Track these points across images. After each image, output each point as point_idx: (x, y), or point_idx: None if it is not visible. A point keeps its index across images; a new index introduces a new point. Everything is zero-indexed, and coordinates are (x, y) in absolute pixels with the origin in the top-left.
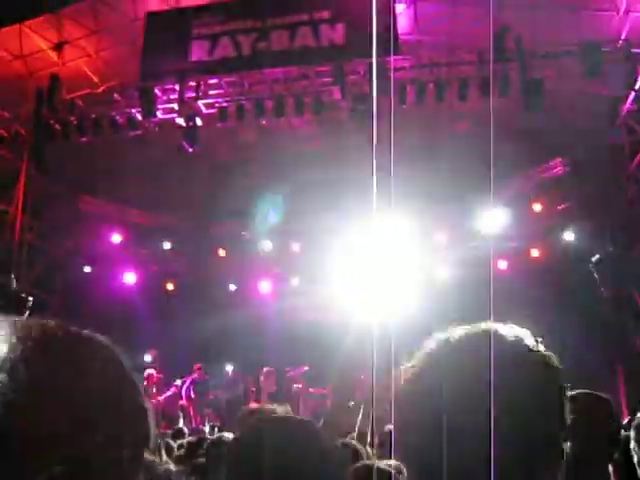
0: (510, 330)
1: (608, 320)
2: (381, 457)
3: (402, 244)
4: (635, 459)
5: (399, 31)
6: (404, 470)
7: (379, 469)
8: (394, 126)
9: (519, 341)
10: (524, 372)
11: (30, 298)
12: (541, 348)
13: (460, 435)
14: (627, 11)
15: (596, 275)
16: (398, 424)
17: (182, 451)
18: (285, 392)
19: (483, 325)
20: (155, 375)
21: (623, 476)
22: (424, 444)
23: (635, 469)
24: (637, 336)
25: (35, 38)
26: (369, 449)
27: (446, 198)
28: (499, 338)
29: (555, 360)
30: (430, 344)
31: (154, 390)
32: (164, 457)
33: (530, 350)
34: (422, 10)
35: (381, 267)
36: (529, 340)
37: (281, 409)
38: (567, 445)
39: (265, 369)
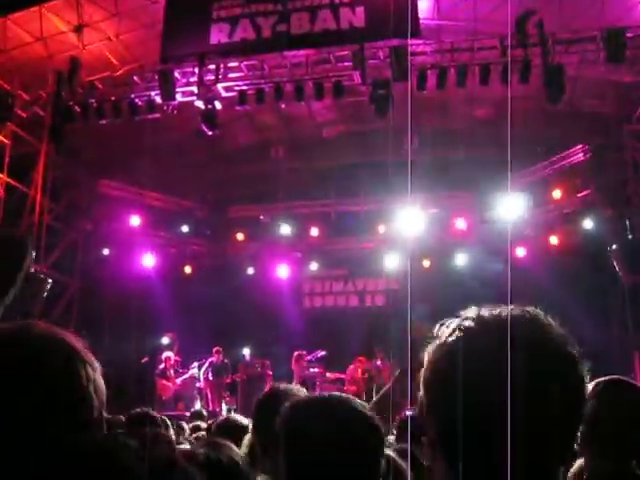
0: (543, 316)
1: (626, 307)
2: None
3: (421, 229)
4: None
5: (420, 15)
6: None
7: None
8: (414, 111)
9: (553, 327)
10: (556, 360)
11: (49, 280)
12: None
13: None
14: None
15: (614, 262)
16: (430, 399)
17: (200, 433)
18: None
19: (517, 307)
20: (173, 358)
21: None
22: (455, 416)
23: None
24: None
25: (55, 20)
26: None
27: (466, 184)
28: (537, 322)
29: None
30: (466, 322)
31: (172, 373)
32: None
33: (561, 339)
34: None
35: (400, 251)
36: (560, 328)
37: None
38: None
39: (295, 353)
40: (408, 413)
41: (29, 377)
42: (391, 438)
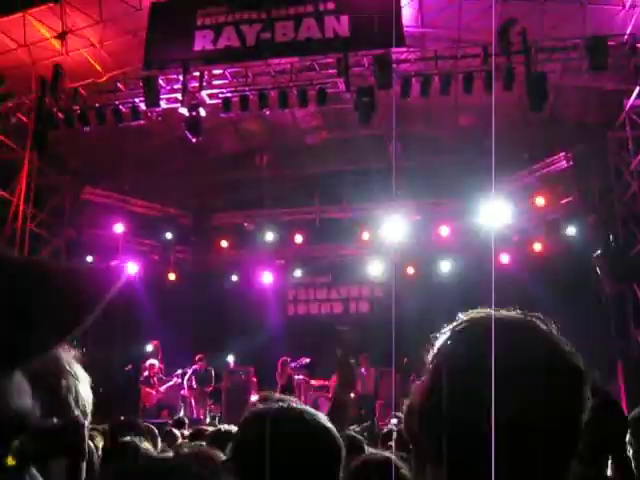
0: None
1: (609, 314)
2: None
3: (405, 236)
4: (630, 452)
5: (404, 23)
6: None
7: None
8: (399, 119)
9: (552, 333)
10: (562, 373)
11: None
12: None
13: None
14: (633, 6)
15: (598, 269)
16: (429, 408)
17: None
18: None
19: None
20: (156, 365)
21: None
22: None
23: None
24: (637, 330)
25: (39, 27)
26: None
27: (450, 190)
28: (537, 327)
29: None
30: (470, 324)
31: (155, 380)
32: (159, 445)
33: (566, 351)
34: (428, 2)
35: (384, 258)
36: (558, 336)
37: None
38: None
39: (280, 359)
40: (393, 422)
41: None
42: None
